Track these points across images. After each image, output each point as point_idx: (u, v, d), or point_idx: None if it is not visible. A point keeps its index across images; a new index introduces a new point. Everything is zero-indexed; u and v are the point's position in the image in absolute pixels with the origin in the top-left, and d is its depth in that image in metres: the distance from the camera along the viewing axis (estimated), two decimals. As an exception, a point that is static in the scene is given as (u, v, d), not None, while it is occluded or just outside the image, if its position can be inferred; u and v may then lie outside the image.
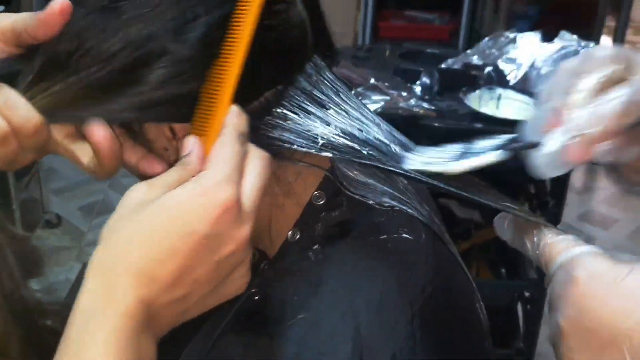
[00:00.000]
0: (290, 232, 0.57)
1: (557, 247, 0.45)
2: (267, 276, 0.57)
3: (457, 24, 2.93)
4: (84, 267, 0.43)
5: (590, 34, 3.06)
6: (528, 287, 1.57)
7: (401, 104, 1.39)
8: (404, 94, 1.47)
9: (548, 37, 1.68)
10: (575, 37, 1.61)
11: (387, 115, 1.31)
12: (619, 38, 3.45)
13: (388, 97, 1.39)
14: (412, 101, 1.44)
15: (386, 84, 1.47)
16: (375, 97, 1.35)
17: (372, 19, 2.92)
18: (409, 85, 1.55)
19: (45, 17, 0.47)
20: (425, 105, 1.45)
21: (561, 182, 1.53)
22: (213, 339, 0.56)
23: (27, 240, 0.53)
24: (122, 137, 0.51)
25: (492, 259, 1.70)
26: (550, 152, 0.45)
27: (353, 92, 0.56)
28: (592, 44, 1.57)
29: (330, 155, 0.51)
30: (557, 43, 1.62)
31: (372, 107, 1.33)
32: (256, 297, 0.57)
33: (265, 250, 0.59)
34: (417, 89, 1.54)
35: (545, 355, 2.23)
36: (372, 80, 1.39)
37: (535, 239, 0.47)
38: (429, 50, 1.76)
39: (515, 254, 1.65)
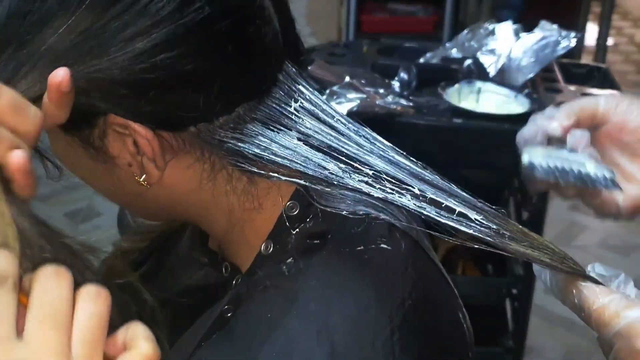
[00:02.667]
0: (263, 245, 0.55)
1: (608, 312, 0.45)
2: (240, 292, 0.55)
3: (441, 15, 2.90)
4: None
5: (576, 21, 3.04)
6: (515, 283, 1.55)
7: (378, 102, 1.36)
8: (381, 90, 1.44)
9: (530, 27, 1.64)
10: (555, 26, 1.57)
11: (363, 114, 1.28)
12: (605, 24, 3.44)
13: (364, 95, 1.35)
14: (390, 98, 1.40)
15: (363, 81, 1.43)
16: (351, 96, 1.31)
17: (355, 13, 2.90)
18: (387, 81, 1.52)
19: None
20: (403, 101, 1.41)
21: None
22: (190, 353, 0.54)
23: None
24: (80, 151, 0.49)
25: (478, 256, 1.67)
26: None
27: (326, 94, 0.54)
28: (572, 34, 1.53)
29: (301, 169, 0.49)
30: (537, 33, 1.58)
31: (347, 105, 1.30)
32: (229, 314, 0.54)
33: (238, 264, 0.57)
34: (396, 85, 1.51)
35: (534, 350, 2.21)
36: (347, 78, 1.35)
37: (575, 300, 0.47)
38: (407, 45, 1.73)
39: (501, 250, 1.62)
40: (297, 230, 0.55)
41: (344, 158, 0.50)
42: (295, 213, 0.55)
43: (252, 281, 0.55)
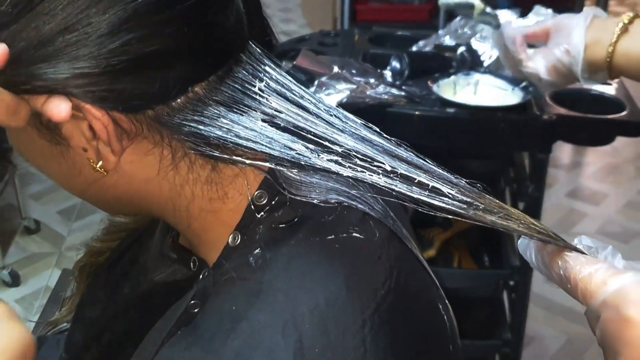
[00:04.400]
0: (230, 236, 0.53)
1: (595, 280, 0.42)
2: (207, 285, 0.53)
3: (436, 3, 2.86)
4: (64, 274, 0.37)
5: (572, 6, 3.01)
6: (512, 275, 1.52)
7: (369, 92, 1.32)
8: (372, 80, 1.40)
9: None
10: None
11: (353, 104, 1.25)
12: (601, 8, 3.39)
13: (354, 86, 1.32)
14: (381, 88, 1.37)
15: (353, 71, 1.40)
16: (340, 87, 1.28)
17: (349, 2, 2.87)
18: (379, 71, 1.49)
19: None
20: (395, 91, 1.38)
21: (541, 164, 1.47)
22: (154, 352, 0.52)
23: None
24: (34, 133, 0.48)
25: (474, 247, 1.64)
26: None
27: (314, 85, 0.52)
28: (567, 18, 1.49)
29: (266, 150, 0.47)
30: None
31: (337, 97, 1.26)
32: (195, 309, 0.52)
33: (206, 258, 0.55)
34: (388, 74, 1.47)
35: (534, 339, 2.20)
36: (336, 69, 1.32)
37: (560, 270, 0.45)
38: (399, 33, 1.69)
39: (497, 241, 1.60)
40: (265, 220, 0.52)
41: (312, 137, 0.48)
42: (264, 202, 0.53)
43: (218, 274, 0.53)
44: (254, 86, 0.49)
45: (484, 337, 1.57)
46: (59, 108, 0.44)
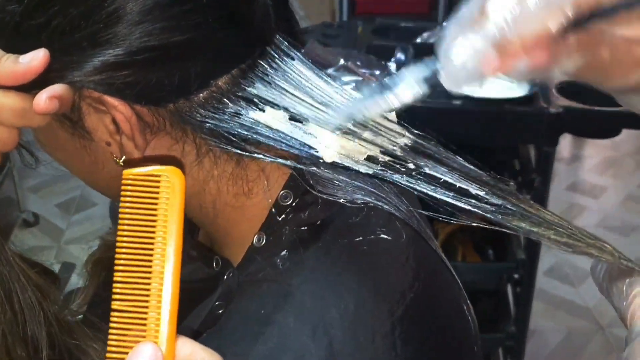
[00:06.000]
0: (255, 237, 0.52)
1: None
2: (232, 286, 0.52)
3: (436, -5, 2.85)
4: (64, 267, 0.37)
5: None
6: (517, 268, 1.52)
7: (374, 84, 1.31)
8: (377, 72, 1.39)
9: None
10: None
11: (359, 97, 1.24)
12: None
13: (360, 78, 1.31)
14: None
15: (358, 62, 1.39)
16: (346, 78, 1.27)
17: (348, -7, 2.85)
18: (383, 63, 1.48)
19: None
20: (400, 83, 1.37)
21: (547, 158, 1.46)
22: None
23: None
24: (56, 126, 0.47)
25: (478, 241, 1.64)
26: (460, 64, 0.35)
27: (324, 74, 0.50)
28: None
29: (286, 149, 0.45)
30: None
31: (343, 89, 1.25)
32: (220, 311, 0.51)
33: (230, 258, 0.54)
34: (392, 66, 1.46)
35: (536, 333, 2.20)
36: (342, 61, 1.31)
37: (625, 287, 0.41)
38: (403, 24, 1.68)
39: (502, 234, 1.59)
40: (291, 221, 0.51)
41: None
42: (289, 202, 0.51)
43: (244, 275, 0.52)
44: (279, 81, 0.47)
45: (488, 330, 1.57)
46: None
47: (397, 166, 0.45)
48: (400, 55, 1.47)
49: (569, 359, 2.18)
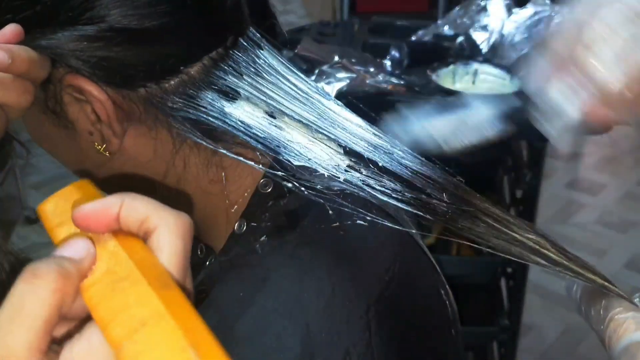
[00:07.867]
0: (236, 224, 0.53)
1: (625, 325, 0.41)
2: (213, 272, 0.54)
3: (435, -6, 2.87)
4: None
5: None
6: (510, 262, 1.53)
7: (368, 81, 1.33)
8: (372, 69, 1.41)
9: (523, 2, 1.62)
10: (547, 1, 1.54)
11: (353, 93, 1.26)
12: None
13: (354, 75, 1.33)
14: (380, 77, 1.38)
15: (353, 60, 1.41)
16: (340, 75, 1.29)
17: (349, -8, 2.86)
18: (378, 60, 1.50)
19: None
20: (394, 80, 1.39)
21: (539, 153, 1.48)
22: None
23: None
24: (42, 117, 0.49)
25: (472, 235, 1.65)
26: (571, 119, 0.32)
27: (315, 74, 0.52)
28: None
29: (252, 139, 0.47)
30: (529, 8, 1.55)
31: (337, 85, 1.28)
32: (202, 295, 0.53)
33: (214, 246, 0.56)
34: (387, 63, 1.48)
35: (533, 328, 2.21)
36: (336, 58, 1.33)
37: (601, 311, 0.43)
38: (398, 23, 1.70)
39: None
40: (271, 208, 0.53)
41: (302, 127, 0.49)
42: (269, 190, 0.54)
43: (225, 261, 0.54)
44: (250, 73, 0.49)
45: (482, 324, 1.59)
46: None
47: (357, 167, 0.49)
48: (394, 53, 1.49)
49: (567, 354, 2.19)
